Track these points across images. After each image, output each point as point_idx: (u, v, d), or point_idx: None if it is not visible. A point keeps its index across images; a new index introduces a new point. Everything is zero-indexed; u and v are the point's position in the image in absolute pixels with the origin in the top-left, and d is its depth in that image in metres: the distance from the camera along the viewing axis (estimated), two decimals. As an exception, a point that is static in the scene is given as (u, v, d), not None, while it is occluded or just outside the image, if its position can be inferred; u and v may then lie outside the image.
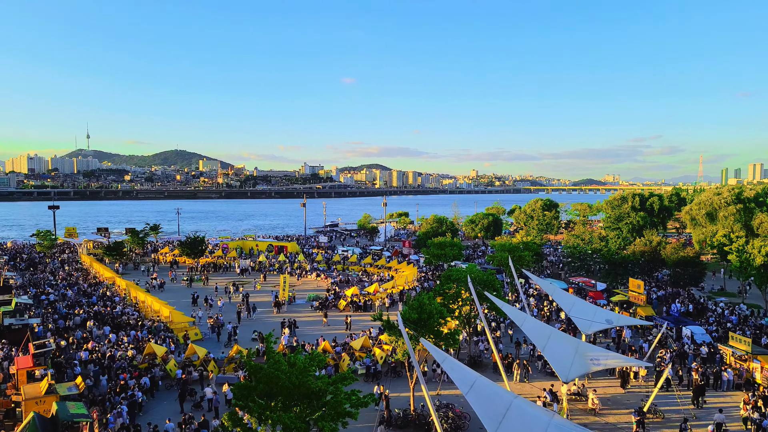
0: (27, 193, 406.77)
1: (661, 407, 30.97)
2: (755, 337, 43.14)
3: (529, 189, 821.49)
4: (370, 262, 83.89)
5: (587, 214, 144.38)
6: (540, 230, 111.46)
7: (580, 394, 33.08)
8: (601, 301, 54.92)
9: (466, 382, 22.02)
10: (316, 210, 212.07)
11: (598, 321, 39.87)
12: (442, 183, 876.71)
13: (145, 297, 54.74)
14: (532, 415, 21.95)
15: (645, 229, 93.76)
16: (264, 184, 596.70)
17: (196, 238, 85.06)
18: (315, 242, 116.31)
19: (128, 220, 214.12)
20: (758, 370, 34.68)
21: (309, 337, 44.57)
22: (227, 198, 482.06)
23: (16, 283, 63.65)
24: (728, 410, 30.83)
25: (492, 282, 43.20)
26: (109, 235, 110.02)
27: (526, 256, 67.01)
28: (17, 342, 38.00)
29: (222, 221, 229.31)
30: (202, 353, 37.70)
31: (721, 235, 67.00)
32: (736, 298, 61.36)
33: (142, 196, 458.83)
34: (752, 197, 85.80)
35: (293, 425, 19.37)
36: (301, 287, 68.64)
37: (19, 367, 31.67)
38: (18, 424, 26.73)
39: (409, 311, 30.27)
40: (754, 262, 54.00)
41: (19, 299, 50.43)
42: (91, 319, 48.10)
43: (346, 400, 20.94)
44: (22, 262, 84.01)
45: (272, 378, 20.40)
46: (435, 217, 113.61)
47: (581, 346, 33.01)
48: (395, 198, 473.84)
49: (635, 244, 70.35)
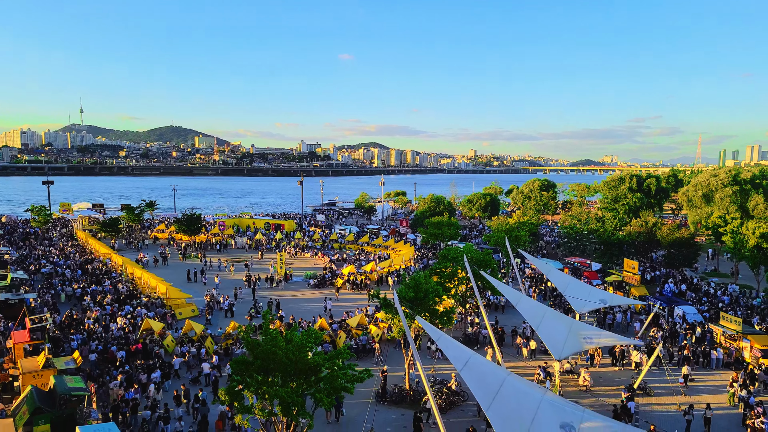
0: (21, 167, 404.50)
1: (651, 385, 31.44)
2: (746, 317, 43.68)
3: (527, 169, 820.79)
4: (367, 240, 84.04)
5: (584, 195, 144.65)
6: (537, 210, 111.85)
7: (572, 371, 33.51)
8: (595, 281, 55.33)
9: (461, 359, 22.27)
10: (313, 188, 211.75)
11: (593, 301, 40.24)
12: (440, 162, 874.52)
13: (142, 273, 54.84)
14: (525, 391, 22.26)
15: (641, 210, 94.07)
16: (261, 161, 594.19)
17: (193, 215, 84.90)
18: (312, 221, 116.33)
19: (124, 195, 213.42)
20: (747, 349, 35.17)
21: (306, 314, 44.84)
22: (223, 175, 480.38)
23: (11, 258, 63.63)
24: (716, 388, 31.35)
25: (488, 261, 43.41)
26: (104, 211, 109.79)
27: (522, 236, 67.25)
28: (13, 317, 38.15)
29: (218, 199, 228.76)
30: (199, 329, 37.93)
31: (716, 217, 67.27)
32: (728, 279, 61.89)
33: (137, 172, 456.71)
34: (749, 179, 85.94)
35: (290, 399, 19.65)
36: (298, 265, 68.87)
37: (16, 341, 31.85)
38: (16, 398, 27.00)
39: (405, 290, 30.45)
40: (747, 243, 54.35)
41: (15, 274, 50.49)
42: (88, 295, 48.29)
43: (342, 376, 21.20)
44: (17, 236, 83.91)
45: (269, 354, 20.62)
46: (432, 197, 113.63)
47: (575, 325, 33.37)
48: (393, 177, 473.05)
49: (631, 224, 70.63)
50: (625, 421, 26.07)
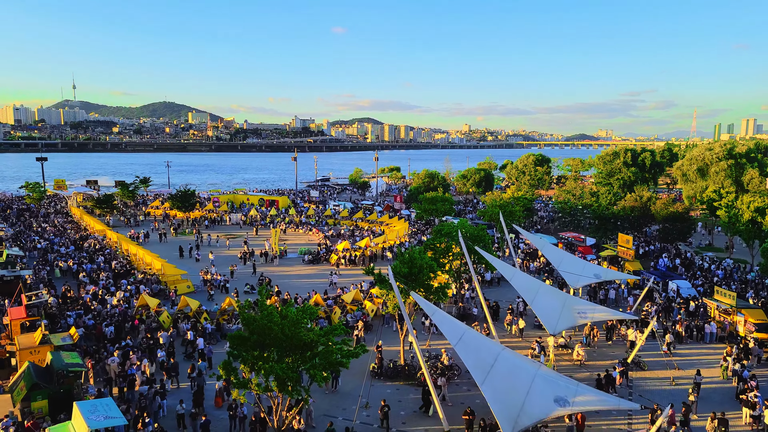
0: (14, 144, 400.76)
1: (645, 359, 31.80)
2: (740, 291, 44.03)
3: (521, 144, 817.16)
4: (361, 216, 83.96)
5: (579, 170, 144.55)
6: (531, 185, 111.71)
7: (566, 346, 33.82)
8: (590, 256, 55.56)
9: (455, 334, 22.40)
10: (307, 164, 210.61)
11: (587, 275, 40.46)
12: (434, 138, 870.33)
13: (137, 250, 54.71)
14: (519, 366, 22.47)
15: (636, 184, 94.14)
16: (254, 137, 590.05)
17: (187, 192, 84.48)
18: (306, 197, 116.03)
19: (117, 172, 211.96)
20: (741, 323, 35.53)
21: (301, 290, 44.93)
22: (217, 151, 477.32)
23: (6, 235, 63.31)
24: (710, 362, 31.76)
25: (482, 237, 43.46)
26: (98, 188, 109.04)
27: (517, 212, 67.31)
28: (9, 293, 38.09)
29: (212, 175, 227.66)
30: (194, 305, 37.99)
31: (711, 191, 67.40)
32: (722, 254, 62.30)
33: (130, 148, 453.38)
34: (744, 153, 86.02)
35: (285, 375, 19.76)
36: (293, 241, 68.84)
37: (13, 317, 31.86)
38: (13, 374, 27.09)
39: (399, 265, 30.46)
40: (742, 217, 54.57)
41: (10, 251, 50.28)
42: (84, 271, 48.23)
43: (337, 351, 21.31)
44: (12, 213, 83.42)
45: (265, 329, 20.69)
46: (427, 172, 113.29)
47: (569, 300, 33.60)
48: (387, 152, 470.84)
49: (626, 199, 70.71)
50: (608, 391, 26.47)
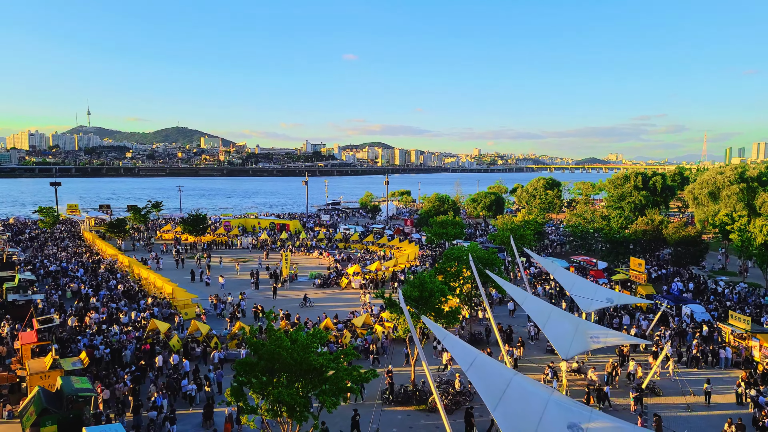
0: (29, 169, 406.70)
1: (659, 384, 31.22)
2: (755, 315, 43.31)
3: (531, 168, 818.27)
4: (371, 240, 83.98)
5: (590, 193, 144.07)
6: (542, 209, 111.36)
7: (579, 371, 33.31)
8: (602, 280, 55.03)
9: (467, 359, 22.13)
10: (318, 188, 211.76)
11: (599, 299, 39.97)
12: (444, 162, 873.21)
13: (148, 274, 54.97)
14: (532, 392, 22.11)
15: (647, 208, 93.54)
16: (265, 161, 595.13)
17: (198, 216, 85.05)
18: (317, 220, 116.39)
19: (130, 196, 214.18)
20: (757, 348, 34.86)
21: (311, 314, 44.79)
22: (229, 176, 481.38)
23: (19, 259, 63.93)
24: (726, 388, 31.11)
25: (493, 260, 43.23)
26: (111, 212, 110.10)
27: (527, 235, 66.99)
28: (21, 318, 38.30)
29: (224, 199, 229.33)
30: (205, 330, 37.95)
31: (723, 215, 66.80)
32: (736, 278, 61.44)
33: (143, 173, 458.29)
34: (755, 176, 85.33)
35: (294, 401, 19.56)
36: (303, 265, 68.88)
37: (24, 342, 31.97)
38: (23, 399, 27.08)
39: (410, 289, 30.34)
40: (755, 241, 53.94)
41: (23, 275, 50.69)
42: (95, 296, 48.44)
43: (347, 376, 21.12)
44: (25, 237, 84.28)
45: (274, 354, 20.54)
46: (437, 196, 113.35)
47: (581, 324, 33.17)
48: (397, 176, 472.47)
49: (637, 223, 70.22)
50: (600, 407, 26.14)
